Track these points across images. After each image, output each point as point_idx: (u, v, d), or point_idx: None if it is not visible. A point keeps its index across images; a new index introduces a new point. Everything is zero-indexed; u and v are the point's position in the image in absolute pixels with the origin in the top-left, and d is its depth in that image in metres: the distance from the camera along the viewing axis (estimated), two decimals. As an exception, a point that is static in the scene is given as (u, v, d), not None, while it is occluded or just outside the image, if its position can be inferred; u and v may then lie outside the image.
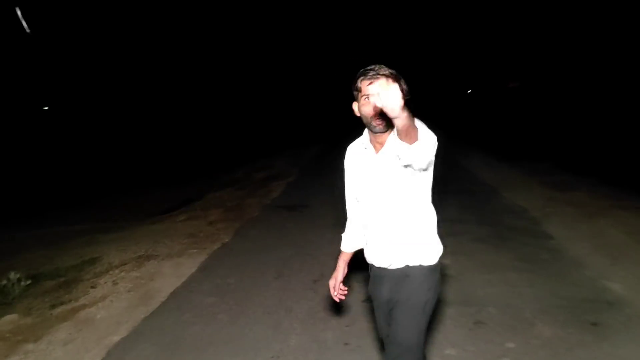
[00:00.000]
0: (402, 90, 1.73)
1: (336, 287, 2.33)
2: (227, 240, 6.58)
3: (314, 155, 17.63)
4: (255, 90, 41.25)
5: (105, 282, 5.32)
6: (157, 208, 10.80)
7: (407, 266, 2.09)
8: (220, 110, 36.77)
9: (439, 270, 2.17)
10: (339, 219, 2.58)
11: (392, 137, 1.93)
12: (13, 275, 5.24)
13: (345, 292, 2.35)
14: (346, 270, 2.36)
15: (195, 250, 6.18)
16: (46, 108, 35.91)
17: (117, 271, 5.67)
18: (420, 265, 2.08)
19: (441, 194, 2.51)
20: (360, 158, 2.16)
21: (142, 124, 31.63)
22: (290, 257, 5.61)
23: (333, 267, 2.36)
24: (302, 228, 6.86)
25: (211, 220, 7.95)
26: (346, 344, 3.53)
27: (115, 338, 3.91)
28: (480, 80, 45.47)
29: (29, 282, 5.33)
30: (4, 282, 5.22)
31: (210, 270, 5.42)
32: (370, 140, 2.09)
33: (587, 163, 10.58)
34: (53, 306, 4.83)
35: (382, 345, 2.31)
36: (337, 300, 2.35)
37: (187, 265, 5.59)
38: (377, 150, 2.07)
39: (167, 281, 5.14)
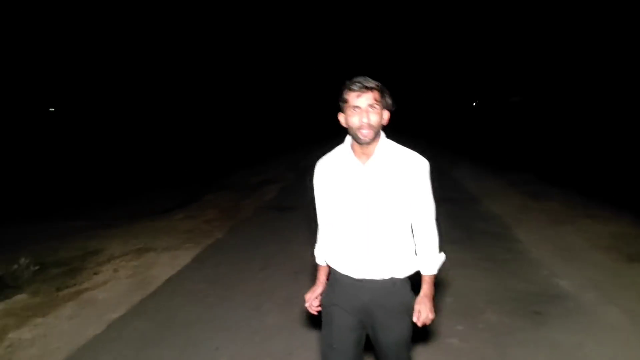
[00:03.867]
0: (387, 104, 2.03)
1: (311, 301, 2.31)
2: (220, 236, 7.09)
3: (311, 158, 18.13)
4: (254, 92, 41.81)
5: (107, 270, 5.82)
6: (156, 208, 11.31)
7: (393, 278, 2.11)
8: (219, 112, 37.33)
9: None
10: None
11: (380, 147, 2.06)
12: (23, 261, 5.74)
13: (319, 307, 2.30)
14: (325, 284, 2.33)
15: (190, 245, 6.68)
16: (52, 109, 36.60)
17: (118, 261, 6.17)
18: (404, 277, 2.14)
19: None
20: (340, 170, 2.13)
21: (143, 125, 32.18)
22: (276, 251, 6.11)
23: (313, 262, 2.41)
24: (290, 227, 7.36)
25: (207, 219, 8.45)
26: (313, 323, 4.03)
27: (115, 315, 4.41)
28: (485, 93, 46.21)
29: (37, 267, 5.82)
30: (15, 266, 5.72)
31: (203, 261, 5.92)
32: (354, 151, 2.10)
33: (569, 174, 11.12)
34: (58, 289, 5.33)
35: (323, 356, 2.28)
36: (314, 312, 2.31)
37: (183, 257, 6.09)
38: (362, 161, 2.07)
39: (163, 270, 5.64)
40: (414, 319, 2.09)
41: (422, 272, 2.16)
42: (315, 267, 2.41)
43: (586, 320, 3.97)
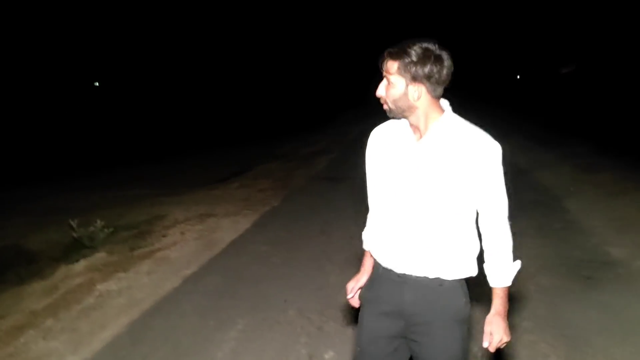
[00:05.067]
0: (419, 75, 1.61)
1: (354, 291, 2.06)
2: (276, 204, 7.44)
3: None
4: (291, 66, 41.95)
5: (174, 233, 6.26)
6: (210, 179, 11.80)
7: (439, 278, 1.76)
8: (258, 85, 37.75)
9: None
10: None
11: (440, 124, 1.70)
12: (99, 223, 6.23)
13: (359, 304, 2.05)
14: (370, 272, 2.01)
15: (249, 211, 7.06)
16: (97, 84, 37.85)
17: (183, 225, 6.60)
18: (453, 279, 1.78)
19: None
20: (393, 144, 1.80)
21: (188, 100, 32.90)
22: (331, 219, 6.42)
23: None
24: (341, 197, 7.63)
25: (261, 188, 8.83)
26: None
27: (188, 272, 4.82)
28: (530, 65, 44.86)
29: (111, 229, 6.32)
30: (91, 229, 6.22)
31: (263, 226, 6.29)
32: (410, 123, 1.76)
33: (623, 147, 10.91)
34: (132, 249, 5.79)
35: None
36: (356, 306, 2.06)
37: (243, 222, 6.47)
38: (417, 137, 1.74)
39: (227, 233, 6.03)
40: (485, 344, 1.75)
41: (492, 284, 1.79)
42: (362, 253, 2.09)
43: (637, 285, 4.12)
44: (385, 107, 1.72)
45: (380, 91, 1.71)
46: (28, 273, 6.12)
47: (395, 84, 1.66)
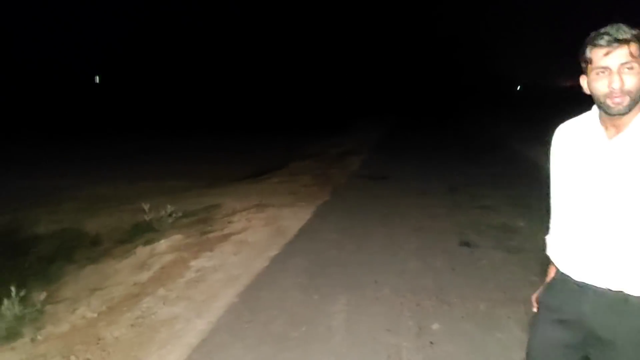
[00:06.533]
0: None
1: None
2: (327, 198, 7.80)
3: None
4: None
5: (239, 220, 6.60)
6: (240, 173, 12.14)
7: (624, 292, 1.58)
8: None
9: None
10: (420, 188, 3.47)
11: (638, 120, 1.57)
12: (169, 208, 6.57)
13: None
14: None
15: (303, 203, 7.41)
16: (97, 80, 38.00)
17: (243, 213, 6.95)
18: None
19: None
20: (582, 142, 1.69)
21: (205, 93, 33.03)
22: (387, 213, 6.78)
23: (424, 224, 2.34)
24: (389, 194, 8.03)
25: (304, 184, 9.19)
26: (453, 269, 4.69)
27: (272, 254, 5.18)
28: (532, 75, 45.20)
29: (180, 214, 6.66)
30: (162, 213, 6.57)
31: (323, 217, 6.66)
32: (602, 121, 1.64)
33: None
34: (203, 233, 6.14)
35: None
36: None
37: (303, 213, 6.83)
38: (610, 135, 1.62)
39: (292, 222, 6.38)
40: None
41: None
42: (545, 258, 1.96)
43: None
44: (619, 101, 1.52)
45: (629, 83, 1.51)
46: (95, 254, 6.48)
47: (637, 72, 1.51)
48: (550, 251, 1.88)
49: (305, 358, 3.21)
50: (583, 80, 1.64)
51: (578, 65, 1.63)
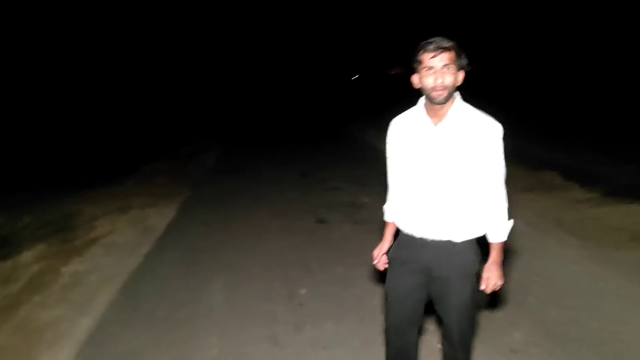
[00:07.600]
0: (462, 65, 2.03)
1: (379, 258, 2.42)
2: (188, 194, 8.08)
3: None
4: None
5: (103, 224, 6.60)
6: (92, 181, 11.71)
7: (451, 240, 2.15)
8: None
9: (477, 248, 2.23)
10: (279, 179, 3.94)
11: (454, 110, 2.08)
12: (25, 219, 6.40)
13: (387, 264, 2.42)
14: (392, 241, 2.42)
15: (165, 202, 7.58)
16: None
17: (106, 217, 6.93)
18: (463, 241, 2.15)
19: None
20: (413, 130, 2.18)
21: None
22: (248, 202, 7.26)
23: (285, 209, 3.03)
24: (251, 185, 8.53)
25: (162, 184, 9.28)
26: (312, 243, 5.33)
27: (143, 251, 5.40)
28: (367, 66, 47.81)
29: (38, 225, 6.50)
30: (19, 224, 6.36)
31: (187, 212, 6.95)
32: (428, 112, 2.12)
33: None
34: (68, 240, 6.07)
35: (385, 302, 2.46)
36: (382, 269, 2.44)
37: (167, 211, 7.04)
38: (435, 122, 2.10)
39: (158, 220, 6.59)
40: (482, 286, 2.18)
41: (490, 240, 2.19)
42: (384, 224, 2.50)
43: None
44: (440, 93, 2.00)
45: (447, 80, 1.99)
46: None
47: (455, 73, 2.02)
48: (388, 217, 2.45)
49: (192, 333, 3.60)
50: (415, 78, 2.09)
51: (402, 58, 2.29)
